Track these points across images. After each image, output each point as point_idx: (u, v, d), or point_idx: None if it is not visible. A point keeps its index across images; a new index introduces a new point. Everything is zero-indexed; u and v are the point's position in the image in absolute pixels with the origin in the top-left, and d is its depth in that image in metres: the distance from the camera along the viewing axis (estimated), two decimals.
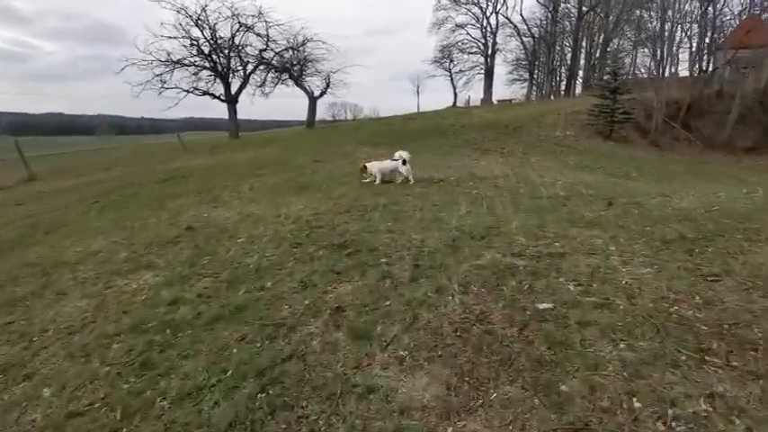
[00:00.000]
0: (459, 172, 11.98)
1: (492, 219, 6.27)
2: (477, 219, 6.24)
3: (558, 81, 40.79)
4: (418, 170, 11.88)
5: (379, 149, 17.93)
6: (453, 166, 13.61)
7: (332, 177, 10.74)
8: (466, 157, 18.42)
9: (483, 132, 23.87)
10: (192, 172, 14.06)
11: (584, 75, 36.54)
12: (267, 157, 16.17)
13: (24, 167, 18.85)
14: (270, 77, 26.60)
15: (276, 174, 11.93)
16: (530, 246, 5.12)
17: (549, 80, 39.73)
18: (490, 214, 6.64)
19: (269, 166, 13.92)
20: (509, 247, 5.06)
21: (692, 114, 26.45)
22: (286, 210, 7.71)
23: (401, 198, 7.99)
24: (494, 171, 12.22)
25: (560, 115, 27.01)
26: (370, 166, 10.38)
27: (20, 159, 19.03)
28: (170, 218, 8.26)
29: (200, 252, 5.90)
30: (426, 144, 20.45)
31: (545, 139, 23.66)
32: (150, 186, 12.22)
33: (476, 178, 10.27)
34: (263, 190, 9.78)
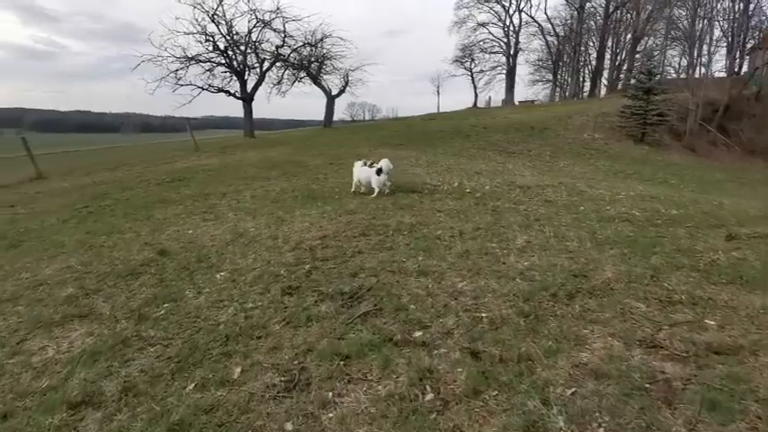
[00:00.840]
0: (492, 179, 10.06)
1: (569, 258, 4.27)
2: (547, 257, 4.29)
3: (582, 82, 38.60)
4: (444, 175, 10.04)
5: (399, 151, 16.08)
6: (483, 172, 11.71)
7: (347, 184, 8.92)
8: (491, 161, 16.57)
9: (507, 134, 21.88)
10: (197, 173, 12.36)
11: (609, 75, 34.28)
12: (279, 158, 14.41)
13: (32, 165, 17.33)
14: (287, 75, 24.89)
15: (285, 178, 10.16)
16: (662, 324, 2.98)
17: (574, 81, 37.27)
18: (562, 249, 4.61)
19: (279, 168, 12.16)
20: (628, 324, 2.98)
21: (728, 117, 24.05)
22: (287, 228, 5.90)
23: (431, 216, 6.11)
24: (533, 179, 10.25)
25: (588, 117, 24.88)
26: (354, 168, 8.62)
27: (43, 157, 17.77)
28: (149, 233, 6.53)
29: (163, 293, 4.12)
30: (448, 146, 18.55)
31: (573, 142, 21.59)
32: (148, 189, 10.54)
33: (516, 188, 8.34)
34: (267, 199, 7.99)
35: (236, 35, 21.64)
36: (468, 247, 4.59)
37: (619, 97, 27.74)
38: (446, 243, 4.82)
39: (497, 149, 19.65)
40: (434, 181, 9.27)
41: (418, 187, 8.54)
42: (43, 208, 10.23)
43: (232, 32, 21.59)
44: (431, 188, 8.45)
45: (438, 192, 8.07)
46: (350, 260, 4.50)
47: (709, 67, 26.51)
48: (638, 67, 28.11)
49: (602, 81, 34.07)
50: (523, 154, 19.53)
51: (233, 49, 21.88)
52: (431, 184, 8.82)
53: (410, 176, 9.94)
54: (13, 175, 16.92)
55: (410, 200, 7.32)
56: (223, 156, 16.88)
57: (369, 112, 57.82)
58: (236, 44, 21.61)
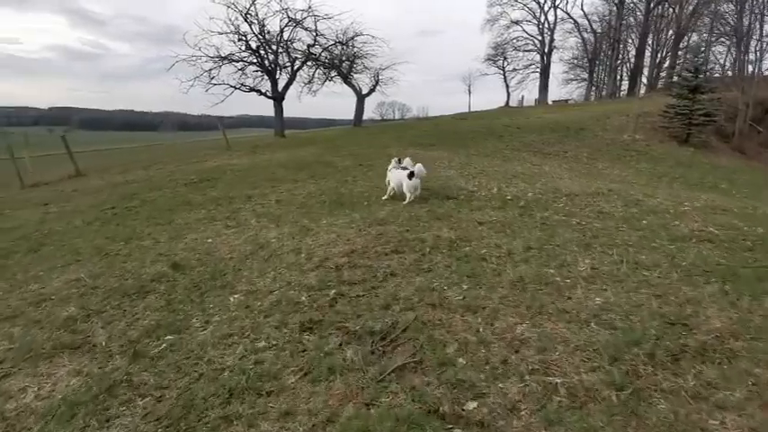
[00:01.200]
0: (532, 184, 9.19)
1: (655, 296, 3.31)
2: (624, 292, 3.42)
3: (619, 80, 36.56)
4: (480, 179, 9.21)
5: (430, 152, 15.28)
6: (520, 175, 10.82)
7: (376, 188, 8.23)
8: (526, 162, 15.60)
9: (542, 135, 20.77)
10: (225, 174, 11.91)
11: (648, 73, 32.34)
12: (308, 158, 13.83)
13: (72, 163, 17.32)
14: (318, 74, 24.37)
15: (313, 180, 9.54)
16: None
17: (612, 79, 35.27)
18: (641, 281, 3.64)
19: (308, 169, 11.57)
20: None
21: None
22: (312, 241, 5.23)
23: (472, 229, 5.33)
24: (576, 184, 9.31)
25: (628, 117, 23.46)
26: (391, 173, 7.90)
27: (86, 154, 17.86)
28: (167, 241, 6.00)
29: (167, 321, 3.51)
30: (481, 146, 17.63)
31: (611, 144, 20.29)
32: (175, 190, 10.11)
33: (561, 196, 7.47)
34: (292, 204, 7.36)
35: (267, 34, 21.24)
36: (521, 272, 3.79)
37: (661, 96, 26.13)
38: (494, 266, 4.03)
39: (532, 150, 18.62)
40: (470, 186, 8.46)
41: (453, 193, 7.76)
42: (73, 207, 9.95)
43: (264, 32, 21.20)
44: (467, 194, 7.65)
45: (476, 199, 7.27)
46: (381, 285, 3.78)
47: (758, 64, 24.63)
48: (683, 65, 26.39)
49: (642, 80, 32.37)
50: (559, 155, 18.44)
51: (265, 48, 21.48)
52: (467, 190, 8.02)
53: (443, 180, 9.17)
54: (57, 171, 16.97)
55: (446, 208, 6.54)
56: (253, 155, 16.44)
57: (399, 111, 56.77)
58: (268, 43, 21.20)
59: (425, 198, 7.28)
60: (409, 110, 55.15)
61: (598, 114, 24.39)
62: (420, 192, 7.55)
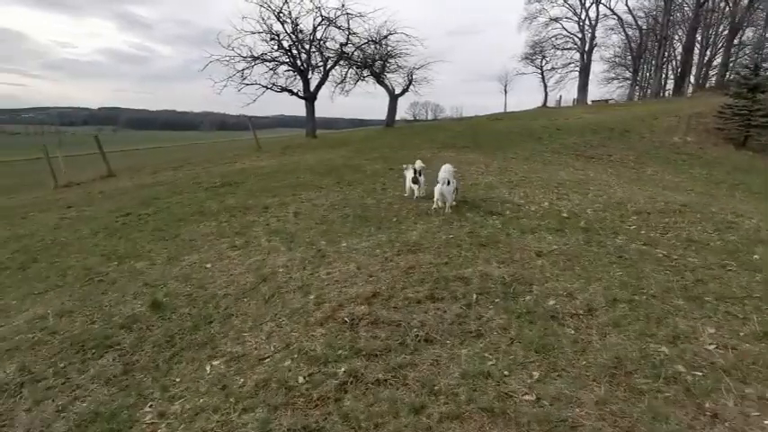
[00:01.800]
0: (584, 194, 7.82)
1: None
2: None
3: (663, 79, 33.77)
4: (524, 188, 7.85)
5: (465, 154, 13.91)
6: (566, 183, 9.39)
7: (406, 200, 7.04)
8: (568, 167, 14.02)
9: (583, 136, 19.02)
10: (248, 178, 10.93)
11: (697, 72, 29.57)
12: (336, 161, 12.74)
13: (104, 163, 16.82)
14: (350, 74, 23.26)
15: (338, 187, 8.40)
16: None
17: (657, 78, 32.48)
18: None
19: (335, 173, 10.47)
20: None
21: None
22: (326, 274, 4.05)
23: (529, 262, 4.03)
24: (640, 196, 7.82)
25: (677, 118, 21.37)
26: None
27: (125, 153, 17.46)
28: (164, 263, 4.96)
29: (111, 405, 2.42)
30: (519, 149, 16.11)
31: (660, 146, 18.34)
32: (194, 196, 9.18)
33: (630, 214, 6.05)
34: (311, 218, 6.22)
35: (300, 33, 20.24)
36: (616, 349, 2.47)
37: (711, 96, 23.81)
38: (571, 333, 2.74)
39: (573, 153, 16.94)
40: (516, 197, 7.12)
41: (497, 206, 6.45)
42: (91, 212, 9.21)
43: (297, 31, 20.19)
44: (514, 208, 6.33)
45: (525, 215, 5.95)
46: (411, 362, 2.56)
47: None
48: (738, 62, 23.92)
49: (689, 78, 29.64)
50: (603, 159, 16.70)
51: (297, 47, 20.50)
52: (512, 203, 6.69)
53: (483, 189, 7.86)
54: (93, 171, 16.52)
55: (491, 229, 5.26)
56: (282, 157, 15.50)
57: (432, 111, 54.99)
58: (301, 42, 20.20)
59: (463, 211, 6.03)
60: (442, 110, 53.30)
61: (643, 115, 22.36)
62: (454, 199, 6.34)
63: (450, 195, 6.24)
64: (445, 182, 6.20)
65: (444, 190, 6.21)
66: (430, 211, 6.26)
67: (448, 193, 6.22)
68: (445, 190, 6.20)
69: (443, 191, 6.22)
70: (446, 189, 6.19)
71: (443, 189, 6.21)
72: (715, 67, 31.36)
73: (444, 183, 6.20)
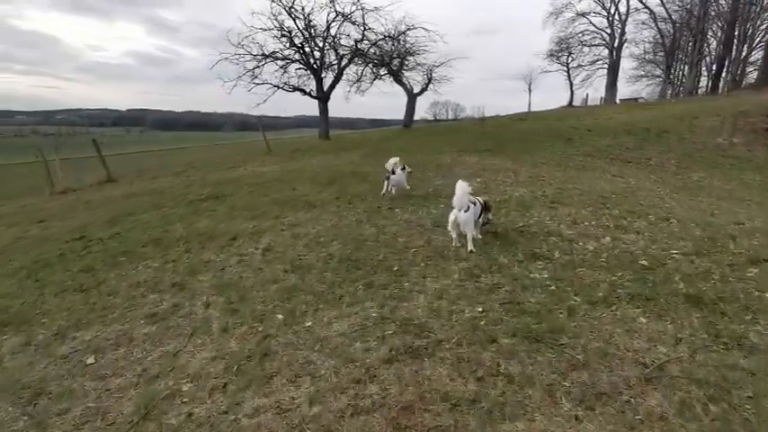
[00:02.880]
0: (639, 213, 5.81)
1: None
2: None
3: (697, 77, 30.29)
4: (569, 208, 5.79)
5: (488, 159, 11.81)
6: (610, 197, 7.32)
7: (417, 227, 5.10)
8: (605, 172, 11.82)
9: (617, 138, 16.66)
10: (240, 188, 9.14)
11: (734, 69, 26.17)
12: (343, 168, 10.85)
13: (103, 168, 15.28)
14: (366, 72, 21.30)
15: (336, 205, 6.53)
16: None
17: (693, 75, 29.15)
18: None
19: (338, 183, 8.60)
20: None
21: None
22: (253, 410, 2.20)
23: (628, 388, 2.10)
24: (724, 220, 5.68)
25: (720, 117, 18.71)
26: None
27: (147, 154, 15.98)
28: (47, 340, 3.20)
29: None
30: (547, 152, 13.89)
31: (703, 149, 15.80)
32: (171, 211, 7.42)
33: (740, 261, 3.96)
34: (283, 260, 4.30)
35: (312, 29, 18.32)
36: None
37: (758, 93, 20.97)
38: None
39: (608, 157, 14.61)
40: (561, 223, 5.06)
41: (539, 242, 4.44)
42: (54, 231, 7.57)
43: (309, 27, 18.29)
44: (564, 246, 4.30)
45: (583, 259, 3.92)
46: None
47: None
48: None
49: (728, 75, 26.35)
50: (641, 163, 14.34)
51: (310, 44, 18.61)
52: (560, 235, 4.65)
53: (516, 209, 5.84)
54: (93, 176, 15.05)
55: (540, 292, 3.27)
56: (288, 162, 13.70)
57: (452, 111, 52.25)
58: (314, 39, 18.30)
59: (493, 252, 4.05)
60: (463, 110, 50.52)
61: (681, 114, 19.72)
62: (478, 232, 4.41)
63: (471, 227, 4.27)
64: (464, 208, 4.21)
65: (462, 218, 4.20)
66: (447, 251, 4.29)
67: (467, 224, 4.23)
68: (462, 218, 4.19)
69: (460, 220, 4.21)
70: (463, 217, 4.18)
71: (460, 217, 4.20)
72: (753, 63, 28.16)
73: (463, 209, 4.20)
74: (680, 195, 9.92)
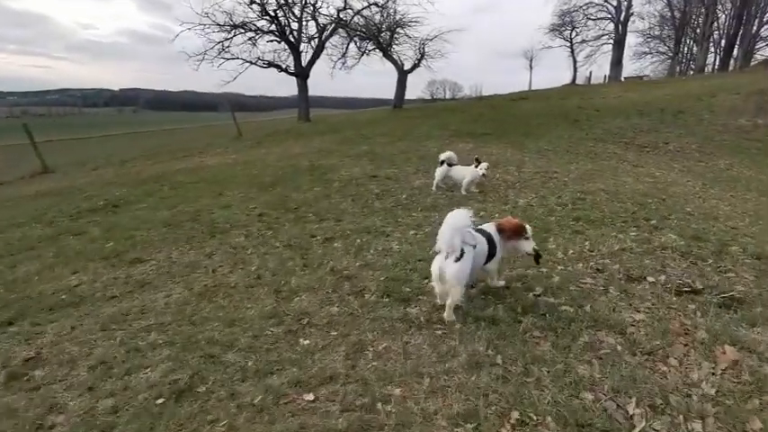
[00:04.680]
0: (689, 223, 3.73)
1: None
2: None
3: (705, 51, 27.29)
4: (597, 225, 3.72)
5: (485, 146, 9.69)
6: (647, 203, 5.38)
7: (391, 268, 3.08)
8: (622, 161, 9.76)
9: (629, 119, 14.48)
10: (160, 189, 7.11)
11: (746, 44, 23.50)
12: (306, 159, 8.74)
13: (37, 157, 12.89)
14: (352, 47, 18.85)
15: (258, 226, 4.51)
16: None
17: (704, 50, 26.25)
18: None
19: (283, 185, 6.59)
20: None
21: None
22: None
23: None
24: None
25: (739, 95, 16.45)
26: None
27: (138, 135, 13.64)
28: None
29: None
30: (553, 136, 11.76)
31: (724, 131, 13.65)
32: (48, 227, 5.34)
33: None
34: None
35: None
36: None
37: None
38: None
39: (620, 141, 12.46)
40: (611, 282, 2.99)
41: (572, 317, 2.39)
42: None
43: None
44: (618, 327, 2.27)
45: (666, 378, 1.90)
46: None
47: None
48: None
49: (740, 51, 23.62)
50: (660, 149, 12.22)
51: (286, 13, 16.10)
52: (606, 297, 2.61)
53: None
54: (26, 167, 12.72)
55: None
56: (248, 150, 11.54)
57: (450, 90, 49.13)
58: (289, 7, 15.78)
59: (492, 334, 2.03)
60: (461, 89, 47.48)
61: (698, 93, 17.41)
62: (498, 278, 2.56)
63: (461, 288, 2.39)
64: (454, 252, 2.35)
65: (449, 271, 2.37)
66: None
67: (456, 282, 2.37)
68: (451, 271, 2.36)
69: (446, 272, 2.38)
70: (451, 270, 2.36)
71: (446, 269, 2.38)
72: (765, 39, 25.56)
73: (452, 254, 2.36)
74: (717, 191, 7.88)
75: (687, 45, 29.15)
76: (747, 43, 24.63)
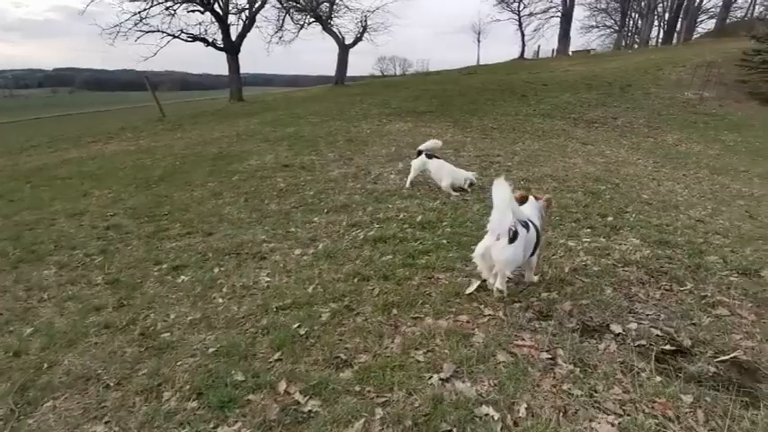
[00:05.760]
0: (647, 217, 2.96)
1: None
2: None
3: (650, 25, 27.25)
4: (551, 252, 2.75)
5: (425, 125, 8.62)
6: (603, 191, 4.53)
7: (232, 326, 1.96)
8: (571, 139, 9.11)
9: (577, 93, 13.85)
10: (7, 193, 5.59)
11: (690, 17, 23.34)
12: (216, 145, 7.38)
13: None
14: (290, 19, 17.10)
15: (121, 240, 3.30)
16: None
17: (649, 23, 26.15)
18: None
19: (171, 181, 5.27)
20: None
21: None
22: None
23: None
24: None
25: (685, 68, 16.23)
26: None
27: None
28: None
29: None
30: (500, 112, 10.88)
31: (672, 105, 13.33)
32: None
33: None
34: None
35: None
36: None
37: (719, 42, 18.66)
38: None
39: (569, 117, 11.80)
40: None
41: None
42: None
43: None
44: None
45: None
46: None
47: None
48: None
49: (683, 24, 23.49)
50: (608, 123, 11.67)
51: None
52: None
53: (457, 252, 2.75)
54: None
55: None
56: (163, 135, 9.93)
57: (400, 66, 47.44)
58: None
59: None
60: (411, 65, 45.89)
61: (645, 66, 17.09)
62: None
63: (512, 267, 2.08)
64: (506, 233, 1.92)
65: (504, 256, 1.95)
66: None
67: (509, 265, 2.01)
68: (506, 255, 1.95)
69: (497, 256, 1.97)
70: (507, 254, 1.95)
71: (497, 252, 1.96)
72: (706, 12, 25.82)
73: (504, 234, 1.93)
74: (669, 170, 7.32)
75: (632, 19, 29.15)
76: (690, 16, 24.74)
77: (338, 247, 2.93)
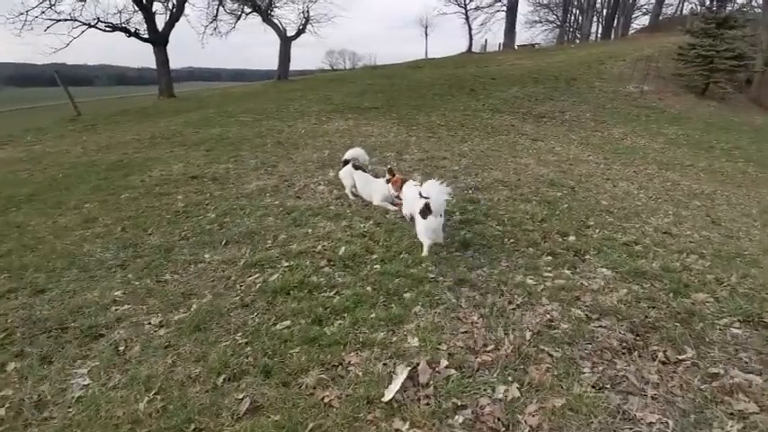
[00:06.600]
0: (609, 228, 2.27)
1: None
2: None
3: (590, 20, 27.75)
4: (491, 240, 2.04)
5: (368, 123, 7.81)
6: (558, 199, 3.89)
7: None
8: (521, 135, 8.61)
9: (524, 87, 13.48)
10: None
11: (626, 13, 23.91)
12: (119, 153, 6.18)
13: None
14: (226, 10, 15.68)
15: None
16: None
17: (589, 19, 26.54)
18: None
19: (60, 192, 4.20)
20: None
21: None
22: None
23: None
24: None
25: (626, 63, 16.39)
26: None
27: None
28: None
29: None
30: (448, 107, 10.24)
31: (615, 98, 13.32)
32: None
33: None
34: None
35: None
36: None
37: (655, 37, 19.13)
38: None
39: (518, 112, 11.35)
40: None
41: None
42: None
43: None
44: None
45: None
46: None
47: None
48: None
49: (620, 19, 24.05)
50: (556, 118, 11.34)
51: None
52: None
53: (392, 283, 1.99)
54: None
55: None
56: (67, 137, 8.51)
57: (349, 60, 46.20)
58: None
59: None
60: (361, 59, 44.76)
61: (588, 60, 17.12)
62: None
63: None
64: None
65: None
66: None
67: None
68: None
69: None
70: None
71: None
72: (640, 8, 26.69)
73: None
74: (620, 168, 6.97)
75: (573, 14, 29.71)
76: (626, 12, 25.40)
77: (219, 306, 2.07)
